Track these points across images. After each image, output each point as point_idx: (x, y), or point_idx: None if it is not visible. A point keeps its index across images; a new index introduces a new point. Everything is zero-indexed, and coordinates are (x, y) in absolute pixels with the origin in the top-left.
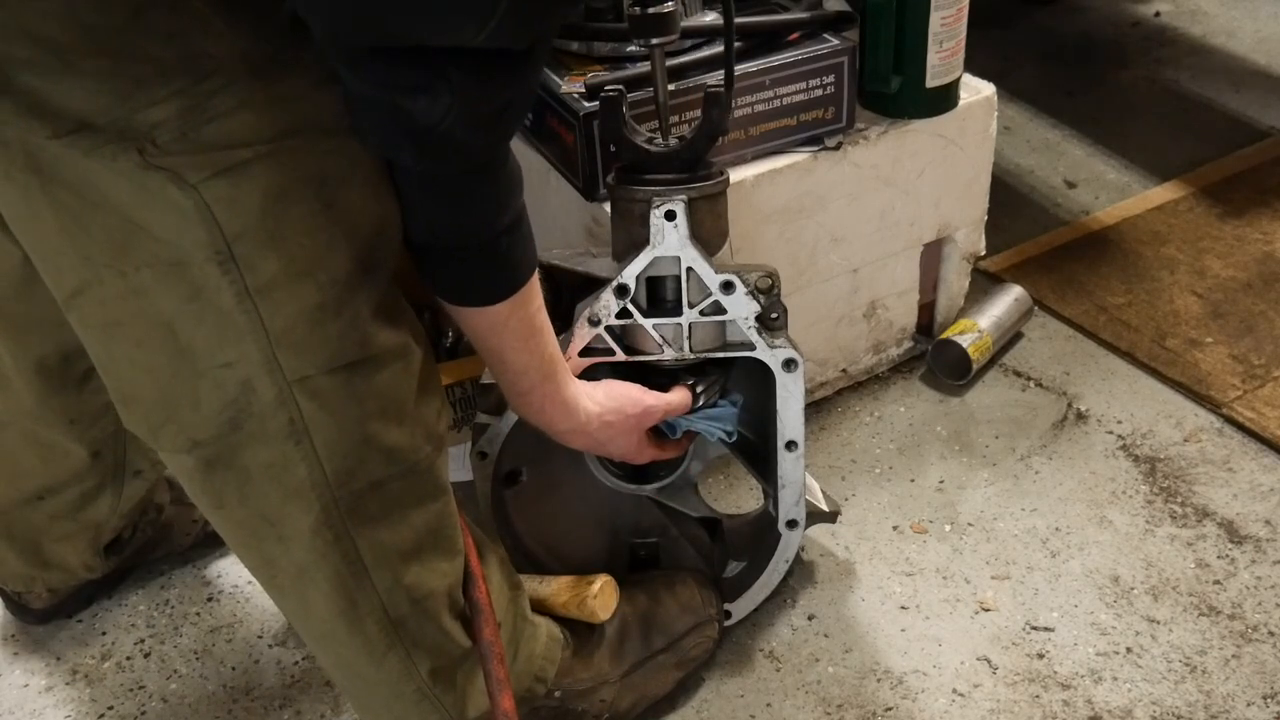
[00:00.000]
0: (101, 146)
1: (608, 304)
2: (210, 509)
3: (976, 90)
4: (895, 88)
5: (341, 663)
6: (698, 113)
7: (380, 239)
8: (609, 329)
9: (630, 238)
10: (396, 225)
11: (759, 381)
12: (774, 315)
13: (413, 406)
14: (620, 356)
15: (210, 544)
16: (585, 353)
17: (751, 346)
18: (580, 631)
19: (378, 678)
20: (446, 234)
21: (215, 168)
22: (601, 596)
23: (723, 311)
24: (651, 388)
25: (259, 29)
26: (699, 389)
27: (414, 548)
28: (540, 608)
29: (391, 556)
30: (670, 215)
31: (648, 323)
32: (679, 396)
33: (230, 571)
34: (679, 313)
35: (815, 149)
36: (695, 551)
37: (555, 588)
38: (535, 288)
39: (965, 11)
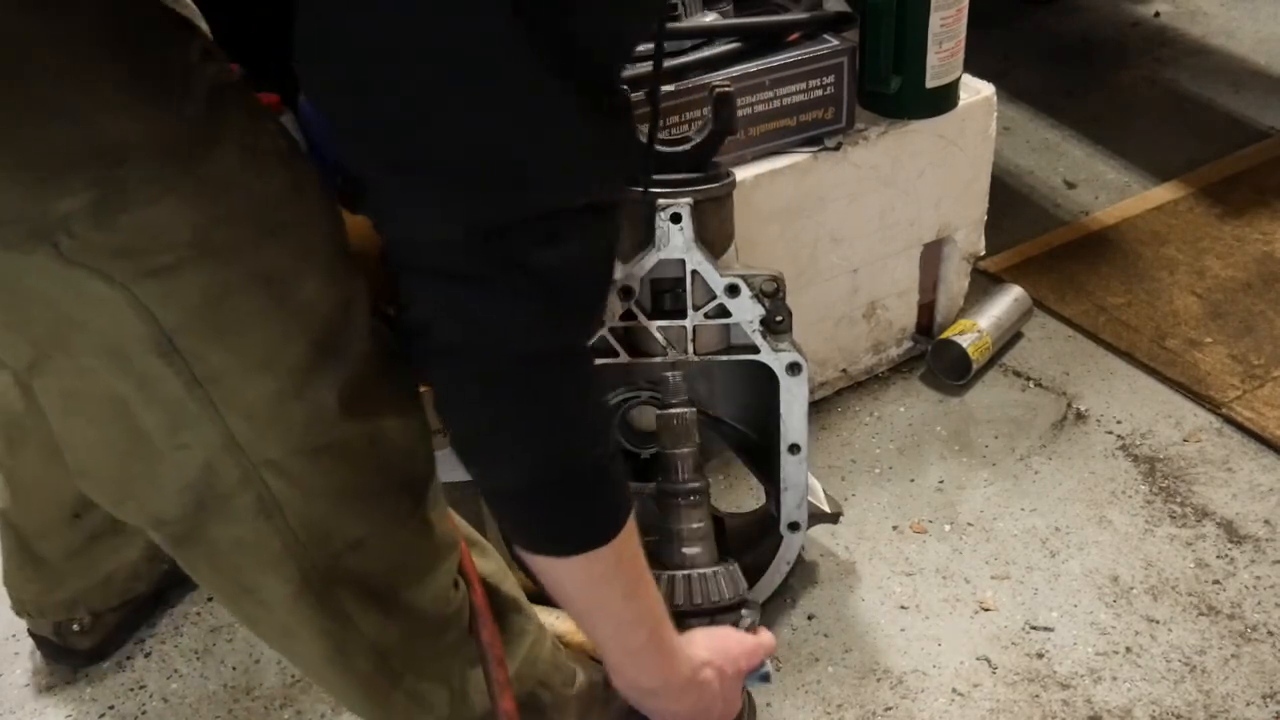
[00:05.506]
0: (19, 243)
1: (611, 305)
2: (187, 572)
3: (976, 90)
4: (895, 88)
5: (348, 702)
6: (697, 113)
7: (344, 320)
8: (612, 330)
9: (634, 238)
10: (363, 301)
11: (762, 381)
12: (779, 319)
13: (392, 474)
14: (624, 358)
15: None
16: None
17: (755, 349)
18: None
19: (388, 716)
20: (546, 466)
21: (143, 270)
22: None
23: (727, 315)
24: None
25: (169, 103)
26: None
27: (398, 584)
28: (563, 642)
29: (376, 602)
30: (676, 218)
31: (652, 325)
32: (767, 638)
33: None
34: (683, 315)
35: (815, 149)
36: None
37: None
38: (634, 519)
39: (965, 11)
